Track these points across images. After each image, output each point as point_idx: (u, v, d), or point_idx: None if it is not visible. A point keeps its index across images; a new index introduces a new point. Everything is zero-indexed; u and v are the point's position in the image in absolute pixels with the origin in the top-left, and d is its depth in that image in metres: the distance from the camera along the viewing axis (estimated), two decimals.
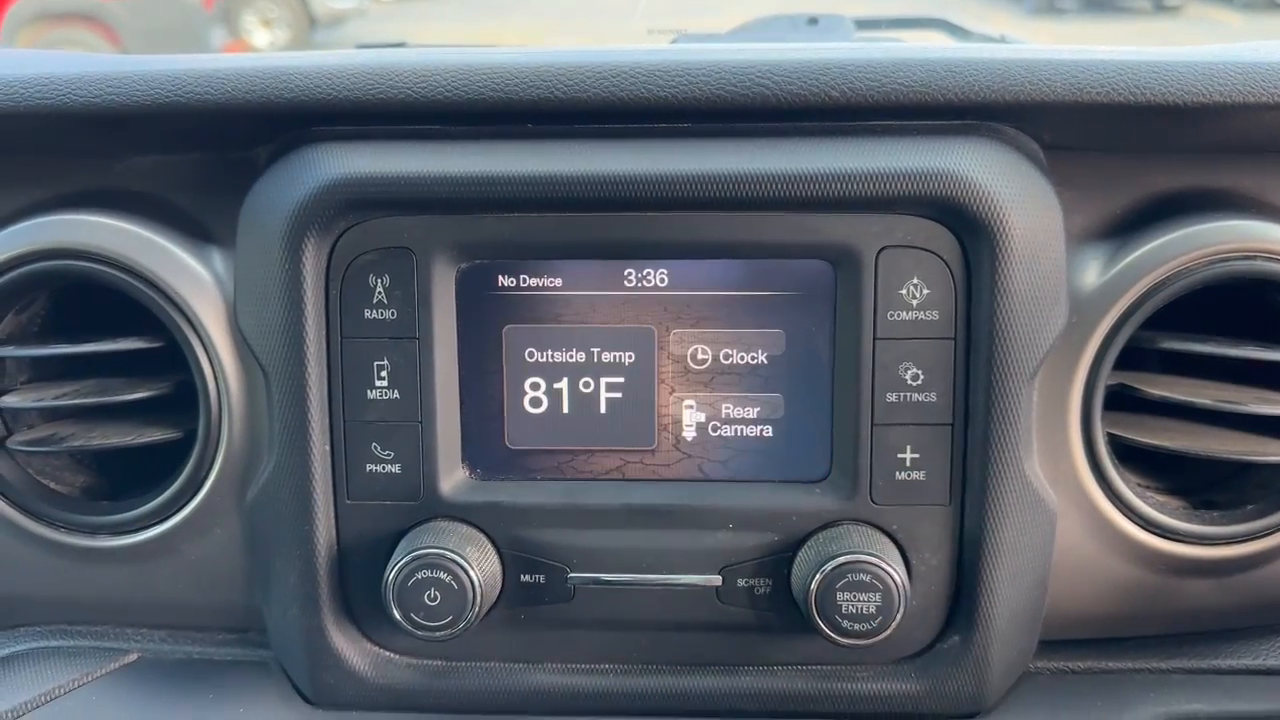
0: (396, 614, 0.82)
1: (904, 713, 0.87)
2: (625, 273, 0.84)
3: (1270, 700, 0.89)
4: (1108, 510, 0.87)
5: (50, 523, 0.92)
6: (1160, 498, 0.91)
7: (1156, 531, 0.88)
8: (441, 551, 0.82)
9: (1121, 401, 0.89)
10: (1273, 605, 0.92)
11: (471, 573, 0.82)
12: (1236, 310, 0.91)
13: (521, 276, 0.85)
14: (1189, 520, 0.88)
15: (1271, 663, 0.91)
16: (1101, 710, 0.88)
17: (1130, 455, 0.90)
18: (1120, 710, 0.88)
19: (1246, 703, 0.88)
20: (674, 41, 1.32)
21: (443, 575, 0.82)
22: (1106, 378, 0.86)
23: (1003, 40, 1.42)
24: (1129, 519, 0.88)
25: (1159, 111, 0.80)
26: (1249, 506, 0.89)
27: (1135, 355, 0.88)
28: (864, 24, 1.38)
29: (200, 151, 0.90)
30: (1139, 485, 0.90)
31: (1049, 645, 0.92)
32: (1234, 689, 0.90)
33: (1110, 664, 0.92)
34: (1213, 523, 0.88)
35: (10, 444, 0.91)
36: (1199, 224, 0.84)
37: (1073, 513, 0.87)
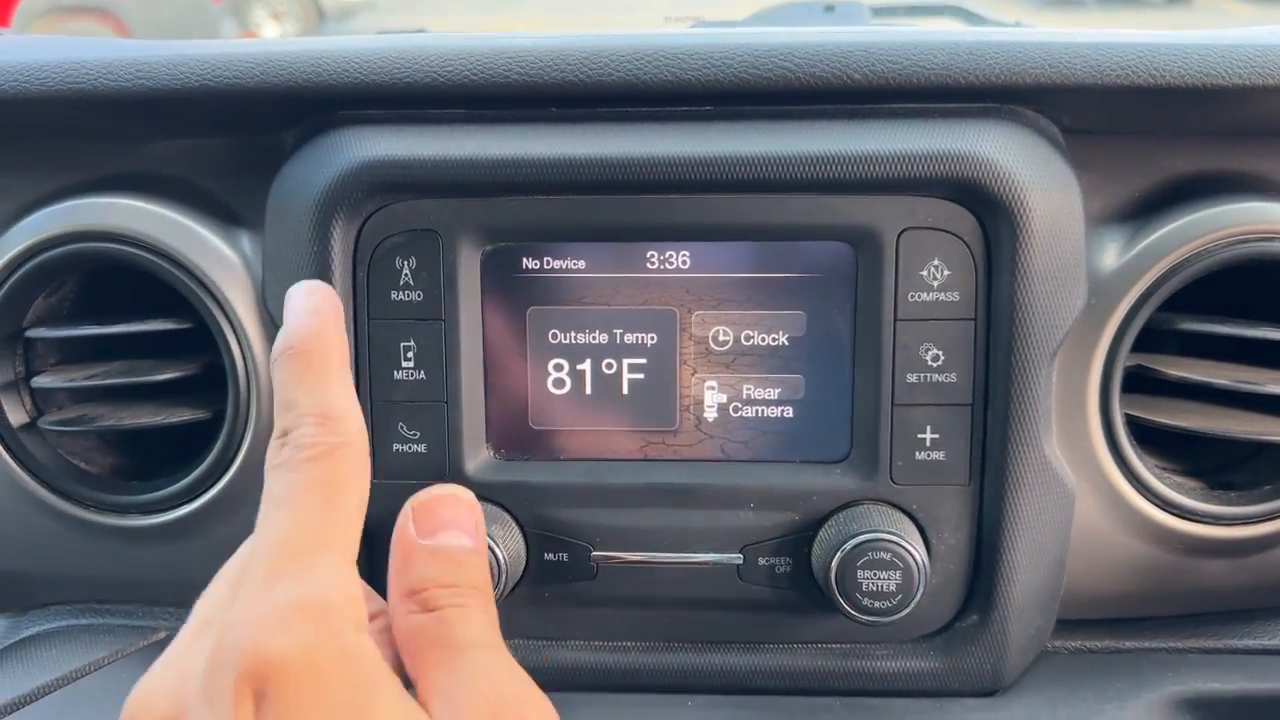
0: None
1: (922, 690, 0.88)
2: (648, 255, 0.85)
3: None
4: (1126, 490, 0.88)
5: (80, 502, 0.94)
6: (1178, 478, 0.92)
7: (1174, 511, 0.89)
8: None
9: (1139, 383, 0.89)
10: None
11: (497, 551, 0.83)
12: (1253, 292, 0.92)
13: (545, 259, 0.86)
14: (1206, 500, 0.89)
15: None
16: (1119, 689, 0.88)
17: (1148, 436, 0.91)
18: (1138, 689, 0.88)
19: (1263, 682, 0.89)
20: (692, 28, 1.33)
21: None
22: (1125, 359, 0.86)
23: (1018, 27, 1.42)
24: (1147, 499, 0.88)
25: (1179, 94, 0.80)
26: (1266, 487, 0.90)
27: (1153, 336, 0.89)
28: (880, 11, 1.38)
29: (228, 135, 0.91)
30: (1157, 466, 0.91)
31: (1067, 624, 0.93)
32: (1252, 668, 0.90)
33: (1128, 643, 0.93)
34: (1230, 503, 0.89)
35: (41, 424, 0.93)
36: (1219, 206, 0.85)
37: (1091, 493, 0.88)
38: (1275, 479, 0.90)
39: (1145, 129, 0.88)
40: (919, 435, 0.84)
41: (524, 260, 0.86)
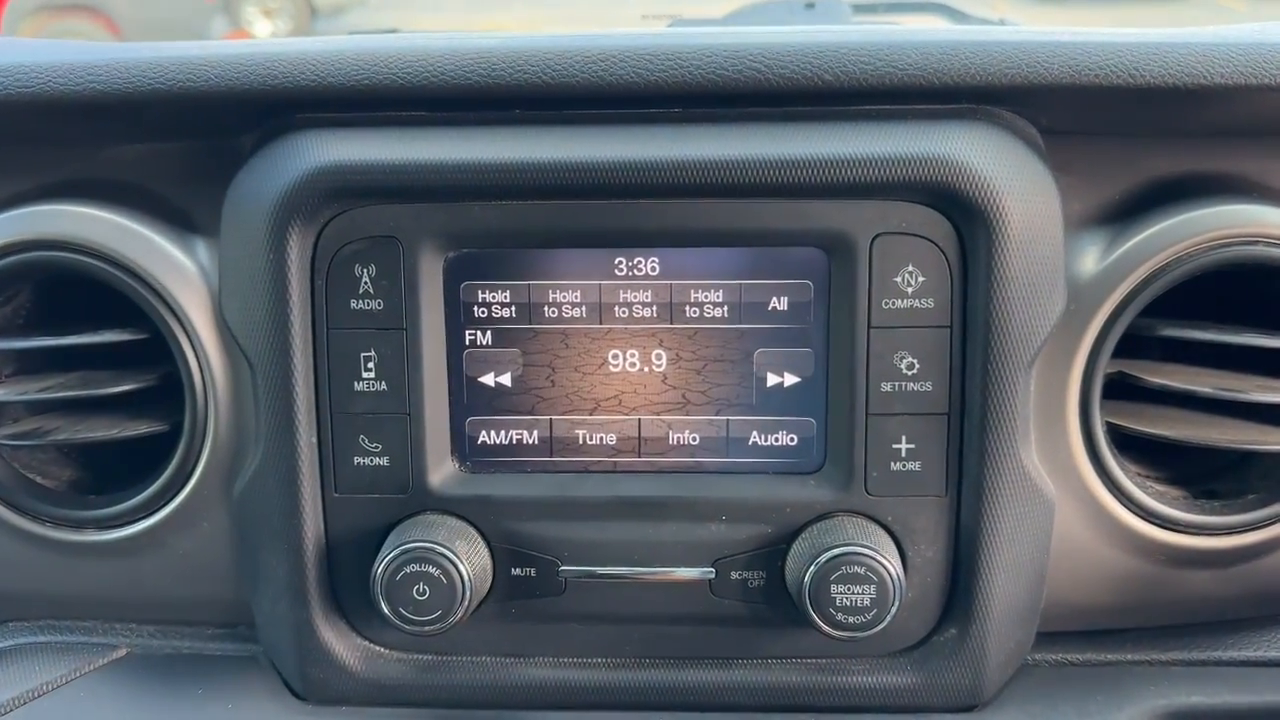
0: (385, 608, 0.81)
1: (900, 706, 0.86)
2: (616, 261, 0.83)
3: (1271, 692, 0.88)
4: (1107, 500, 0.86)
5: (36, 517, 0.92)
6: (1160, 487, 0.90)
7: (1156, 521, 0.87)
8: (430, 545, 0.81)
9: (1120, 390, 0.87)
10: (1273, 596, 0.91)
11: (461, 567, 0.81)
12: (1236, 297, 0.90)
13: (511, 266, 0.83)
14: (1189, 510, 0.87)
15: (1272, 654, 0.90)
16: (1101, 703, 0.87)
17: (1130, 444, 0.89)
18: (1120, 703, 0.87)
19: (1247, 694, 0.88)
20: (669, 26, 1.31)
21: (431, 569, 0.81)
22: (1105, 366, 0.84)
23: (1002, 24, 1.40)
24: (1128, 509, 0.86)
25: (1158, 94, 0.78)
26: (1250, 496, 0.88)
27: (1134, 342, 0.87)
28: (861, 8, 1.36)
29: (184, 140, 0.89)
30: (1138, 475, 0.89)
31: (1048, 637, 0.91)
32: (1234, 680, 0.89)
33: (1110, 656, 0.91)
34: (1213, 513, 0.87)
35: None
36: (1199, 209, 0.83)
37: (1071, 503, 0.86)
38: (1259, 488, 0.88)
39: (1125, 130, 0.86)
40: (894, 445, 0.82)
41: (488, 267, 0.83)
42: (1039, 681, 0.89)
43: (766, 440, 0.85)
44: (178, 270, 0.86)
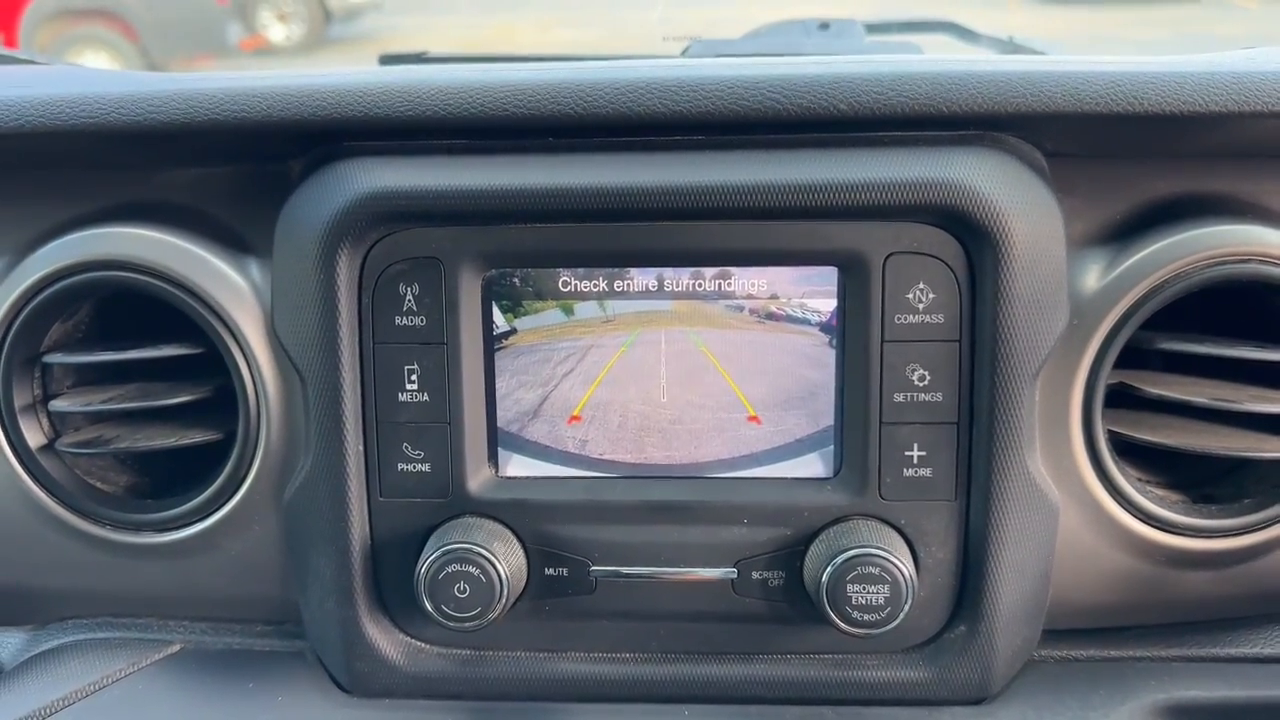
0: (428, 605, 0.87)
1: (912, 699, 0.91)
2: (644, 280, 0.88)
3: (1268, 687, 0.92)
4: (1108, 504, 0.91)
5: (97, 520, 0.97)
6: (1160, 492, 0.94)
7: (1156, 525, 0.91)
8: (470, 546, 0.86)
9: (1123, 399, 0.92)
10: (1270, 595, 0.95)
11: (498, 566, 0.86)
12: (1236, 310, 0.94)
13: (544, 283, 0.88)
14: (1187, 514, 0.91)
15: (1269, 651, 0.94)
16: (1104, 696, 0.91)
17: (1131, 451, 0.93)
18: (1122, 697, 0.91)
19: (1245, 689, 0.92)
20: (687, 47, 1.35)
21: (471, 569, 0.86)
22: (1107, 377, 0.89)
23: (1011, 42, 1.45)
24: (1129, 513, 0.91)
25: (1156, 121, 0.83)
26: (1245, 501, 0.92)
27: (1136, 354, 0.91)
28: (875, 28, 1.40)
29: (236, 165, 0.94)
30: (1139, 480, 0.93)
31: (1054, 634, 0.95)
32: (1233, 676, 0.93)
33: (1113, 652, 0.95)
34: (1210, 516, 0.92)
35: (59, 446, 0.96)
36: (1197, 228, 0.87)
37: (1075, 507, 0.91)
38: (1255, 493, 0.93)
39: (1126, 153, 0.90)
40: (906, 453, 0.87)
41: (523, 286, 0.88)
42: (1045, 676, 0.93)
43: (786, 447, 0.90)
44: (232, 288, 0.92)
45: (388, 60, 1.40)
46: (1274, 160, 0.91)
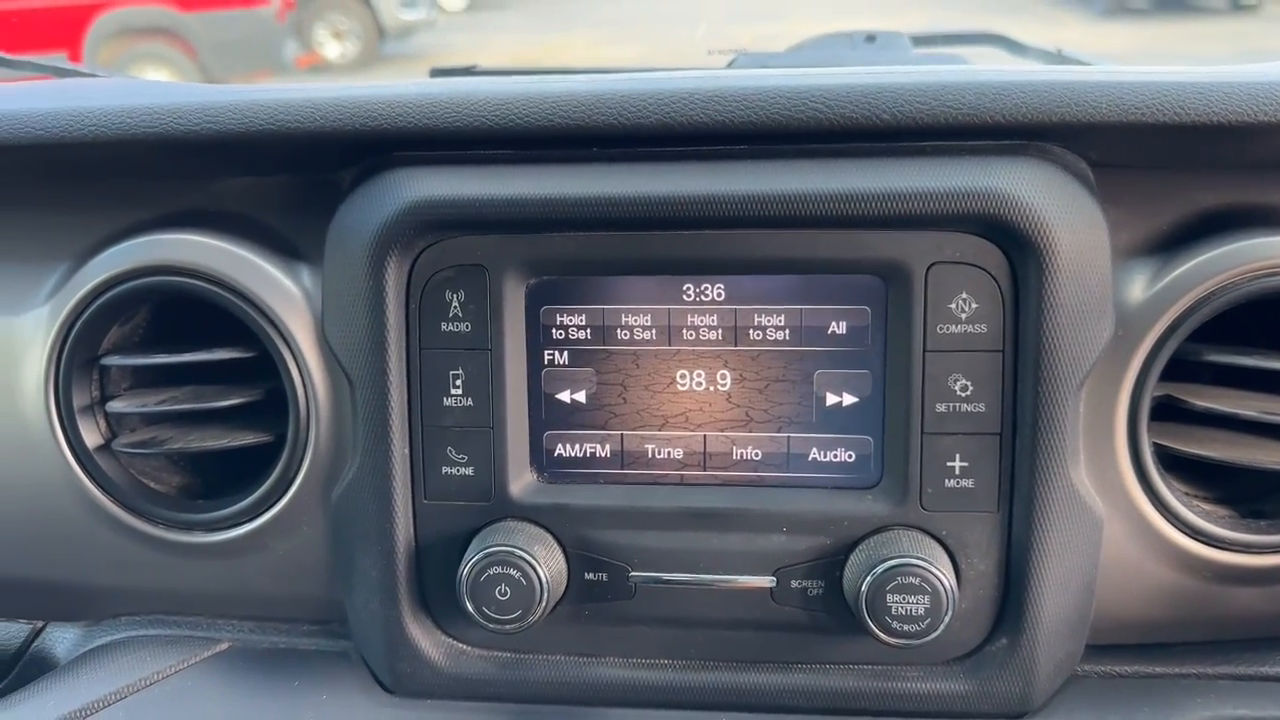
0: (470, 607, 0.88)
1: (953, 712, 0.90)
2: (684, 288, 0.89)
3: None
4: (1154, 518, 0.90)
5: (150, 519, 0.99)
6: (1207, 507, 0.93)
7: (1202, 539, 0.90)
8: (512, 549, 0.87)
9: (1169, 412, 0.91)
10: None
11: (539, 570, 0.87)
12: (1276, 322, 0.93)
13: (588, 292, 0.90)
14: (1235, 529, 0.90)
15: None
16: (1148, 714, 0.90)
17: (1179, 465, 0.92)
18: (1167, 714, 0.90)
19: None
20: (733, 61, 1.36)
21: (513, 572, 0.87)
22: (1153, 389, 0.88)
23: (1059, 54, 1.44)
24: (1175, 526, 0.90)
25: (1202, 131, 0.82)
26: None
27: (1183, 366, 0.90)
28: (921, 40, 1.40)
29: (289, 174, 0.96)
30: (1186, 494, 0.92)
31: (1097, 650, 0.94)
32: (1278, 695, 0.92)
33: (1157, 669, 0.94)
34: (1259, 532, 0.90)
35: (115, 446, 0.99)
36: (1244, 240, 0.86)
37: (1119, 520, 0.90)
38: None
39: (1172, 163, 0.90)
40: (948, 463, 0.87)
41: (567, 293, 0.90)
42: (1087, 691, 0.92)
43: (825, 456, 0.90)
44: (283, 294, 0.94)
45: (438, 74, 1.42)
46: None
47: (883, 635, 0.85)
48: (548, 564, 0.88)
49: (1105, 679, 0.94)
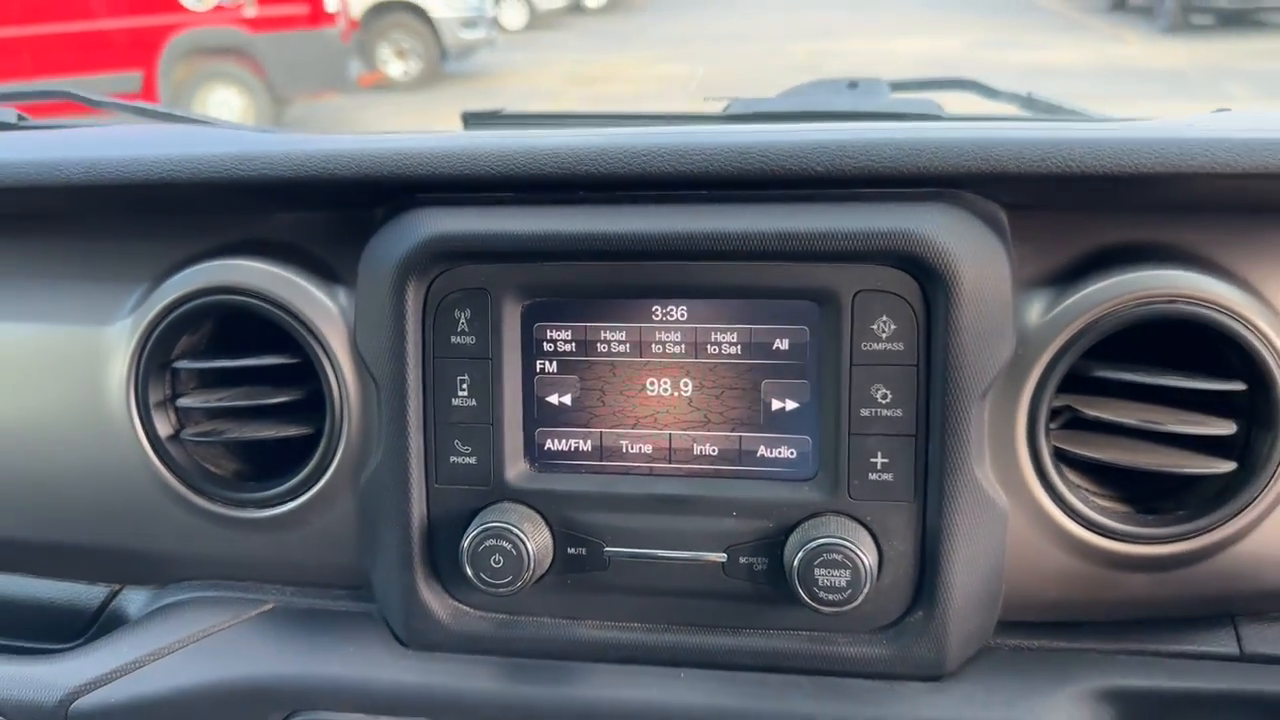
0: (469, 573, 1.04)
1: (876, 673, 1.05)
2: (653, 309, 1.05)
3: (1199, 680, 1.03)
4: (1053, 510, 1.04)
5: (210, 498, 1.17)
6: (1105, 503, 1.07)
7: (1095, 530, 1.03)
8: (505, 526, 1.04)
9: (1082, 420, 1.05)
10: (1205, 599, 1.06)
11: (527, 543, 1.04)
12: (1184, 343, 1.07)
13: (572, 311, 1.07)
14: (1125, 522, 1.03)
15: (1200, 649, 1.04)
16: (1048, 680, 1.03)
17: (1091, 468, 1.06)
18: (1064, 681, 1.03)
19: (1178, 681, 1.03)
20: (728, 106, 1.53)
21: (505, 544, 1.04)
22: (1051, 399, 1.02)
23: (1029, 98, 1.58)
24: (1071, 518, 1.03)
25: (1090, 180, 0.97)
26: (1180, 512, 1.04)
27: (1095, 382, 1.04)
28: (899, 86, 1.55)
29: (330, 210, 1.15)
30: (1087, 491, 1.06)
31: (1009, 625, 1.08)
32: (1170, 670, 1.03)
33: (1061, 644, 1.07)
34: (1146, 525, 1.03)
35: (183, 436, 1.17)
36: (1130, 273, 1.00)
37: (1022, 512, 1.04)
38: (1189, 506, 1.05)
39: (1077, 206, 1.05)
40: (872, 459, 1.02)
41: (556, 313, 1.07)
42: (996, 661, 1.06)
43: (770, 453, 1.06)
44: (323, 311, 1.12)
45: (470, 117, 1.61)
46: (1204, 212, 1.04)
47: (811, 603, 1.00)
48: (535, 539, 1.05)
49: (1014, 651, 1.08)
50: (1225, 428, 1.02)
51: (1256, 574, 1.06)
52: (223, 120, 1.73)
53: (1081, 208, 1.05)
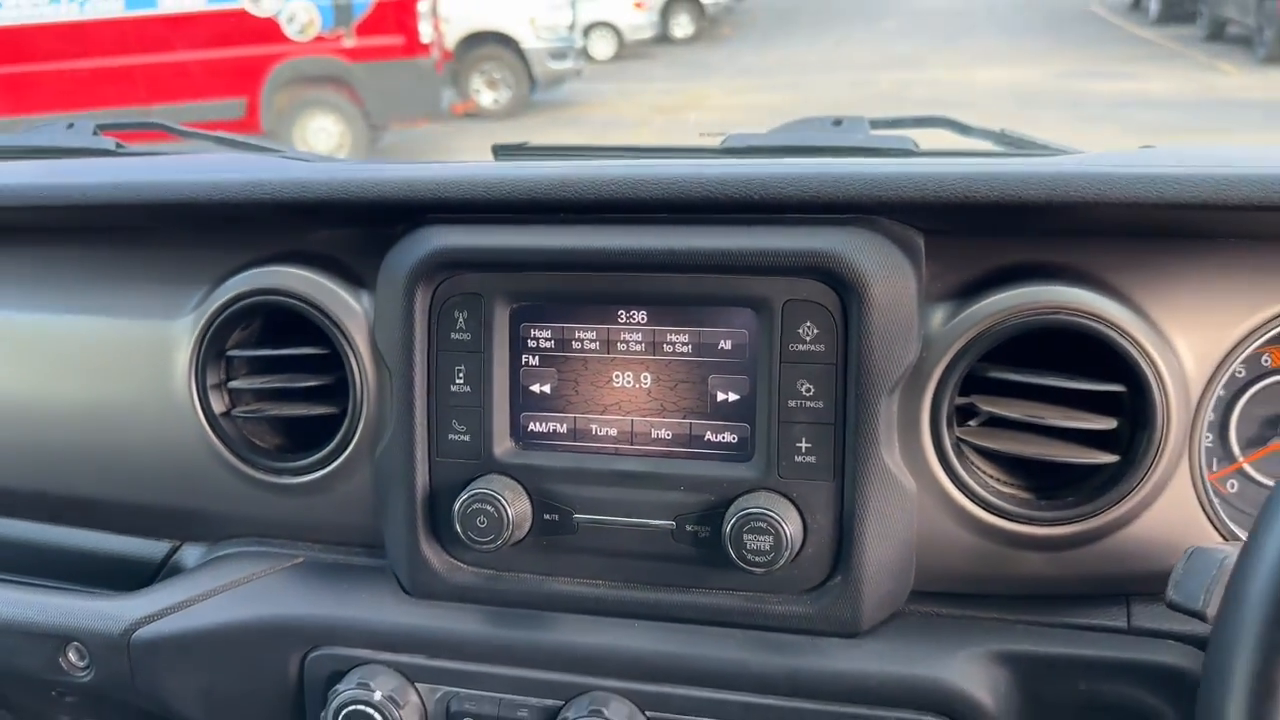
0: (459, 531, 1.24)
1: (802, 629, 1.21)
2: (619, 313, 1.25)
3: (1087, 648, 1.16)
4: (954, 493, 1.19)
5: (255, 466, 1.38)
6: (1009, 490, 1.22)
7: (993, 511, 1.18)
8: (490, 493, 1.23)
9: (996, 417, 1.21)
10: (1101, 578, 1.19)
11: (508, 509, 1.23)
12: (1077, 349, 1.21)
13: (553, 313, 1.27)
14: (1019, 505, 1.19)
15: (1095, 622, 1.18)
16: (951, 642, 1.18)
17: (1002, 458, 1.22)
18: (965, 642, 1.18)
19: (1068, 648, 1.17)
20: (724, 140, 1.72)
21: (489, 508, 1.23)
22: (953, 396, 1.18)
23: (1002, 134, 1.73)
24: (971, 501, 1.19)
25: (987, 209, 1.14)
26: (1070, 498, 1.19)
27: (997, 382, 1.20)
28: (878, 123, 1.72)
29: (357, 227, 1.37)
30: (992, 477, 1.21)
31: (923, 595, 1.22)
32: (1061, 639, 1.17)
33: (968, 612, 1.22)
34: (1038, 508, 1.19)
35: (234, 413, 1.39)
36: (1022, 288, 1.16)
37: (928, 494, 1.20)
38: (1080, 491, 1.20)
39: (988, 231, 1.21)
40: (797, 444, 1.20)
41: (539, 314, 1.27)
42: (908, 624, 1.21)
43: (715, 437, 1.24)
44: (349, 311, 1.34)
45: (499, 149, 1.82)
46: (1100, 237, 1.19)
47: (740, 563, 1.17)
48: (514, 505, 1.24)
49: (924, 616, 1.23)
50: (1105, 424, 1.17)
51: (1145, 556, 1.19)
52: (287, 147, 1.98)
53: (991, 233, 1.21)
